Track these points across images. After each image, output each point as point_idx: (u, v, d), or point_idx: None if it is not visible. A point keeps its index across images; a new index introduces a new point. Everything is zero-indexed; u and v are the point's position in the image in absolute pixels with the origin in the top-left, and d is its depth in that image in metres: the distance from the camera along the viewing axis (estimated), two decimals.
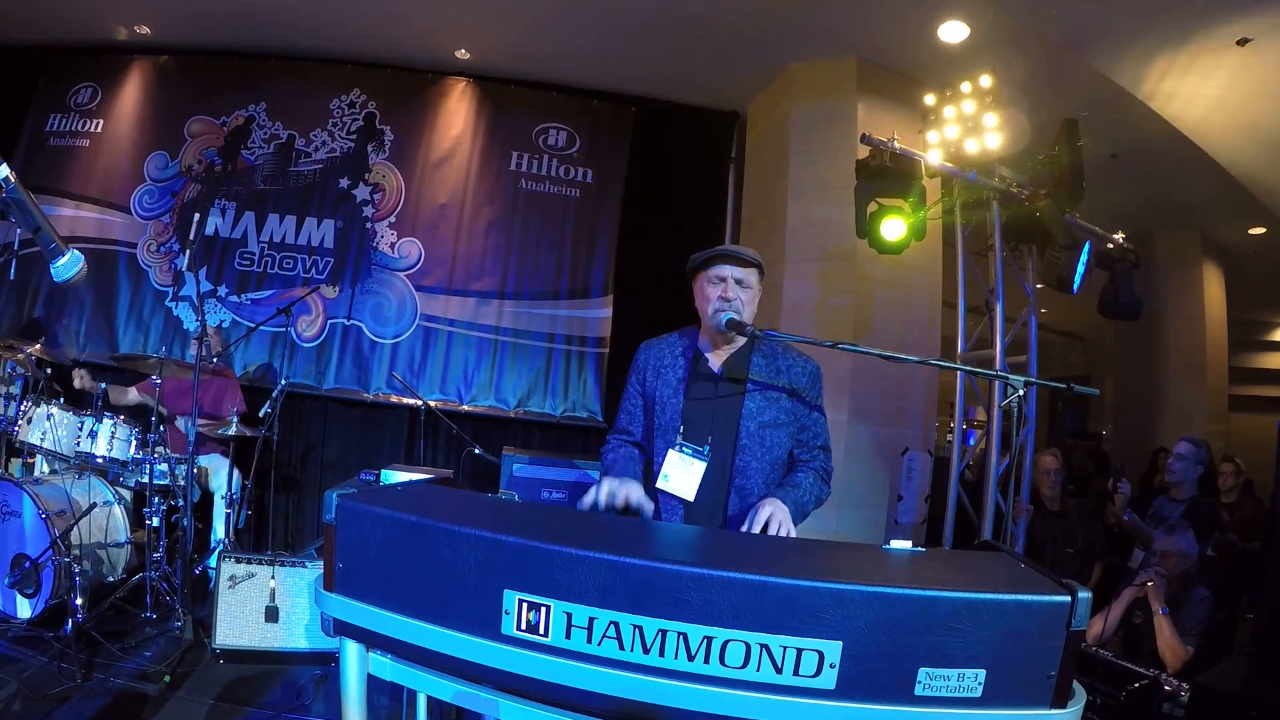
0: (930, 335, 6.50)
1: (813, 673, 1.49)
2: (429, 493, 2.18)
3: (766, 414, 2.72)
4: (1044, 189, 5.25)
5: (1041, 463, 5.55)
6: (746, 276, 2.73)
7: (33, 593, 4.26)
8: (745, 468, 2.69)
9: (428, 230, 7.36)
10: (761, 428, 2.71)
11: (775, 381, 2.75)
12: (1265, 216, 8.52)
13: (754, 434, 2.70)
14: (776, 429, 2.73)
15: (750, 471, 2.69)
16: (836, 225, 6.01)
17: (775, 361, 2.78)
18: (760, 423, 2.71)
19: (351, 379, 7.08)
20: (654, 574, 1.53)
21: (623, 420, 2.96)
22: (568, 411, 7.22)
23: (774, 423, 2.73)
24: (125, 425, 4.98)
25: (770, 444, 2.72)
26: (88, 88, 7.56)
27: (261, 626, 4.31)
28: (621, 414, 2.97)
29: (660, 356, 2.88)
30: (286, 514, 6.87)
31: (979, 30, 5.81)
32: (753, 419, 2.71)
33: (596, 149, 7.66)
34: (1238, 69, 5.87)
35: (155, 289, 7.16)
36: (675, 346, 2.88)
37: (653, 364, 2.88)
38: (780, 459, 2.76)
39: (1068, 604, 1.51)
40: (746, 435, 2.70)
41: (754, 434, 2.70)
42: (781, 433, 2.75)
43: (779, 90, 7.03)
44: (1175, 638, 3.75)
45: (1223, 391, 10.06)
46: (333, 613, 1.79)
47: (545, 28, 6.70)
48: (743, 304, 2.70)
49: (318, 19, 6.88)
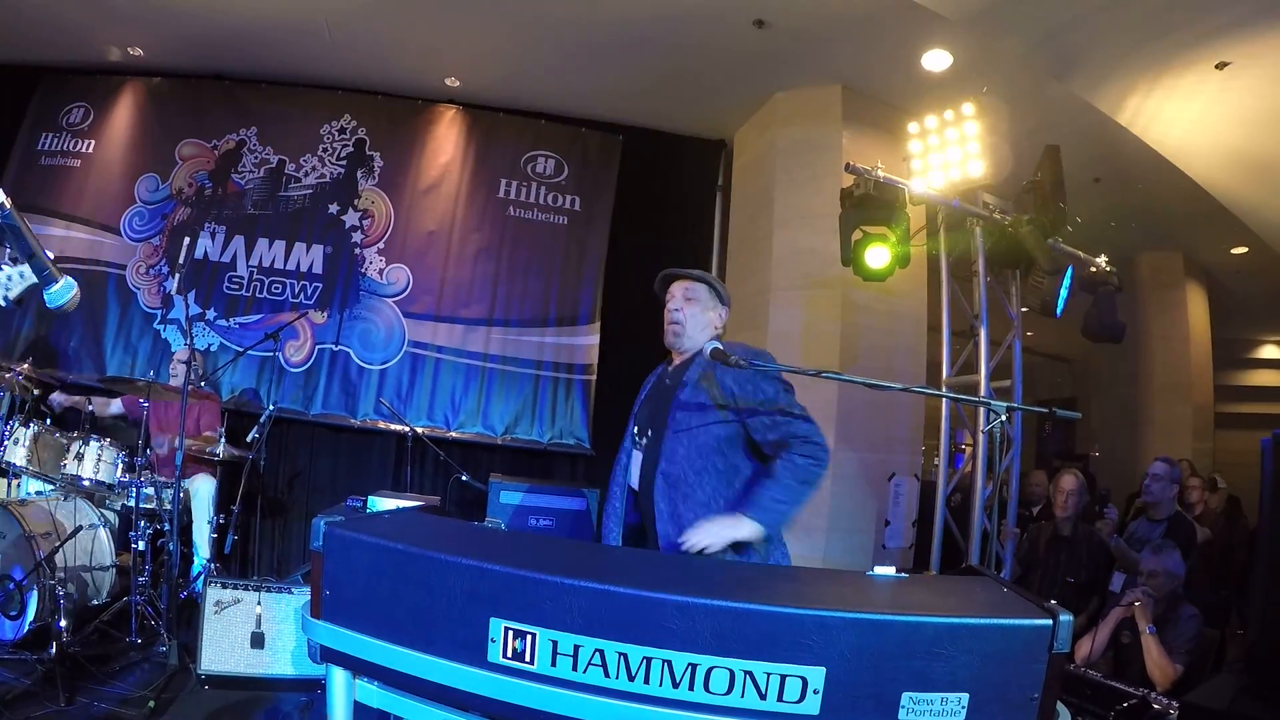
0: (915, 361, 6.53)
1: (796, 698, 1.50)
2: (416, 521, 2.19)
3: (694, 400, 2.79)
4: (1027, 214, 5.30)
5: (1060, 482, 5.30)
6: (692, 289, 2.90)
7: (16, 615, 4.22)
8: (671, 453, 2.76)
9: (416, 257, 7.37)
10: (687, 413, 2.78)
11: (708, 378, 2.81)
12: (1247, 236, 8.61)
13: (679, 420, 2.78)
14: (703, 412, 2.77)
15: (676, 458, 2.75)
16: (822, 253, 6.03)
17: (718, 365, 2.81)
18: (686, 410, 2.78)
19: (339, 404, 7.06)
20: (639, 602, 1.55)
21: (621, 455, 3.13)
22: (555, 438, 7.20)
23: (699, 406, 2.77)
24: (112, 448, 4.95)
25: (696, 427, 2.76)
26: (80, 108, 7.54)
27: (247, 653, 4.27)
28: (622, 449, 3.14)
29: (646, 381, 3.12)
30: (273, 539, 6.82)
31: (962, 59, 5.90)
32: (680, 408, 2.80)
33: (584, 177, 7.70)
34: (1217, 93, 5.96)
35: (144, 311, 7.12)
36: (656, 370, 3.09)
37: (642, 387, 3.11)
38: (709, 445, 2.75)
39: (1049, 627, 1.53)
40: (672, 422, 2.78)
41: (679, 420, 2.78)
42: (709, 415, 2.76)
43: (765, 119, 7.10)
44: (1164, 657, 3.76)
45: (1208, 410, 10.12)
46: (319, 639, 1.79)
47: (534, 57, 6.75)
48: (684, 316, 2.87)
49: (310, 45, 6.91)
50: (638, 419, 2.99)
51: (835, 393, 5.91)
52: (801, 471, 2.66)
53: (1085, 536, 5.17)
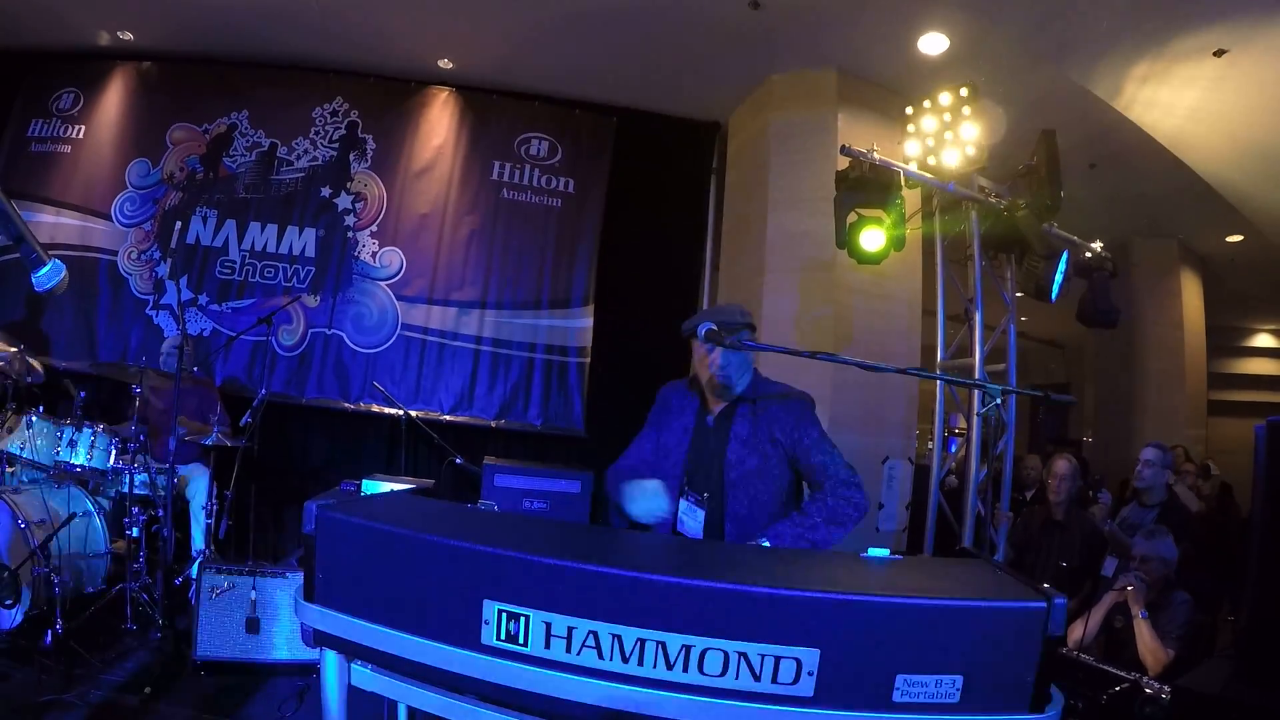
0: (910, 344, 6.54)
1: (791, 680, 1.50)
2: (408, 503, 2.19)
3: (749, 463, 2.81)
4: (1022, 199, 5.30)
5: (1054, 467, 5.31)
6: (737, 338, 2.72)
7: (12, 603, 4.21)
8: (735, 514, 2.80)
9: (409, 240, 7.35)
10: (744, 477, 2.81)
11: (756, 431, 2.83)
12: (1242, 224, 8.63)
13: (735, 483, 2.81)
14: (761, 479, 2.81)
15: (741, 516, 2.80)
16: (816, 236, 6.02)
17: (759, 408, 2.84)
18: (742, 472, 2.81)
19: (333, 389, 7.06)
20: (632, 583, 1.54)
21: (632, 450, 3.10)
22: (549, 421, 7.22)
23: (757, 472, 2.81)
24: (105, 435, 4.95)
25: (754, 491, 2.81)
26: (70, 93, 7.49)
27: (242, 638, 4.28)
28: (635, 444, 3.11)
29: (675, 396, 3.06)
30: (268, 524, 6.80)
31: (958, 42, 5.87)
32: (733, 469, 2.82)
33: (578, 159, 7.67)
34: (1214, 80, 5.95)
35: (135, 297, 7.10)
36: (688, 396, 3.03)
37: (673, 404, 3.05)
38: (767, 504, 2.81)
39: (1043, 610, 1.52)
40: (729, 485, 2.81)
41: (735, 483, 2.81)
42: (765, 481, 2.81)
43: (760, 101, 7.07)
44: (1156, 641, 3.77)
45: (1201, 397, 10.16)
46: (313, 623, 1.79)
47: (527, 38, 6.71)
48: (732, 370, 2.79)
49: (301, 27, 6.86)
50: (688, 472, 2.91)
51: (830, 375, 5.90)
52: (831, 511, 2.63)
53: (1078, 521, 5.18)
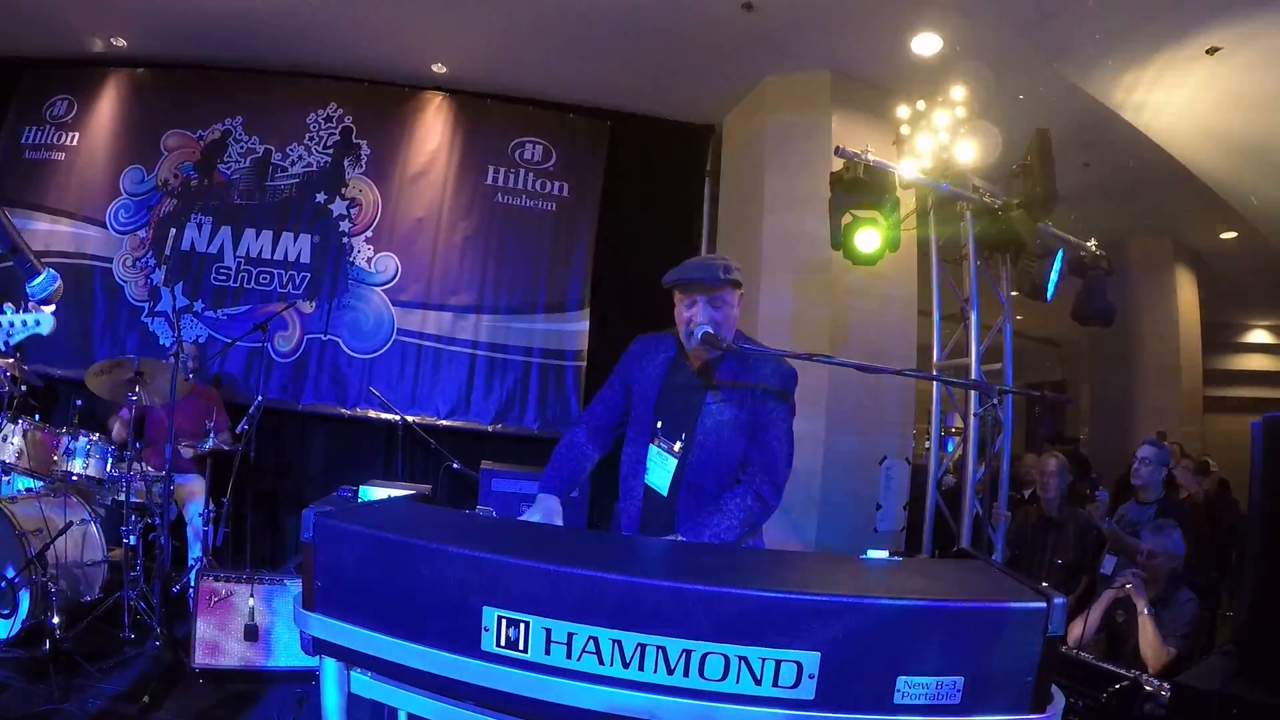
0: (906, 344, 6.54)
1: (792, 683, 1.50)
2: (406, 510, 2.18)
3: (725, 413, 2.70)
4: (1017, 199, 5.31)
5: (1043, 464, 5.35)
6: (720, 296, 2.66)
7: (9, 613, 4.20)
8: (700, 465, 2.69)
9: (404, 245, 7.33)
10: (719, 426, 2.70)
11: (741, 382, 2.72)
12: (1236, 220, 8.64)
13: (709, 431, 2.69)
14: (735, 429, 2.70)
15: (705, 470, 2.69)
16: (812, 237, 6.00)
17: (746, 364, 2.73)
18: (718, 421, 2.70)
19: (329, 394, 7.04)
20: (632, 589, 1.54)
21: (593, 404, 3.01)
22: (546, 425, 7.20)
23: (733, 423, 2.70)
24: (101, 443, 4.94)
25: (727, 443, 2.70)
26: (64, 100, 7.45)
27: (241, 646, 4.27)
28: (595, 398, 3.01)
29: (648, 349, 2.90)
30: (265, 531, 6.80)
31: (951, 43, 5.87)
32: (710, 416, 2.70)
33: (573, 163, 7.66)
34: (1207, 78, 5.96)
35: (131, 304, 7.08)
36: (663, 344, 2.88)
37: (641, 353, 2.90)
38: (734, 460, 2.71)
39: (1044, 610, 1.53)
40: (702, 432, 2.69)
41: (709, 431, 2.69)
42: (740, 434, 2.70)
43: (754, 104, 7.07)
44: (1158, 639, 3.76)
45: (1197, 393, 10.20)
46: (312, 631, 1.78)
47: (521, 43, 6.70)
48: (717, 324, 2.63)
49: (294, 33, 6.85)
50: (662, 416, 2.79)
51: (826, 376, 5.90)
52: (749, 513, 2.58)
53: (1072, 518, 5.21)
